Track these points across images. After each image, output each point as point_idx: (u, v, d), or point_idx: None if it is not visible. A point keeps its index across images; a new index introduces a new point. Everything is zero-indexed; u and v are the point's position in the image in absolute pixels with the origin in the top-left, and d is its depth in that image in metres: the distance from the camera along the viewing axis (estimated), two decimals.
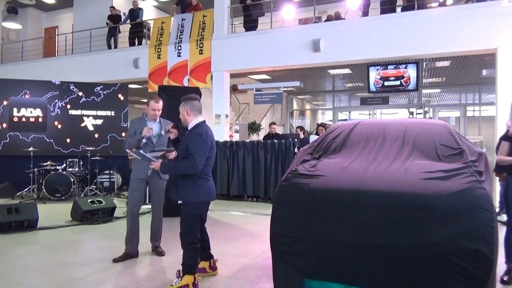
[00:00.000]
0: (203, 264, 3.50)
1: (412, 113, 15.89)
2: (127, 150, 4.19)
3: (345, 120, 16.68)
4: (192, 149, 3.03)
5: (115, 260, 3.87)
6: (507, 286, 3.31)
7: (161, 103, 4.11)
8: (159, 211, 4.19)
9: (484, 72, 9.57)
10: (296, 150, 7.59)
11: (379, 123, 3.94)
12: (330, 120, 16.08)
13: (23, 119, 8.98)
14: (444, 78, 11.84)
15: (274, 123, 9.47)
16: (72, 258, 4.08)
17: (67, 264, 3.83)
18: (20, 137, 8.89)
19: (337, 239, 2.64)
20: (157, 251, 4.15)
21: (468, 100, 15.09)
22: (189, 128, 3.22)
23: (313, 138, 8.06)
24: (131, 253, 3.99)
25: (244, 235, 5.12)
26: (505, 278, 3.34)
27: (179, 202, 3.23)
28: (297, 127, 10.13)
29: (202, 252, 3.45)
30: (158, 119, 4.14)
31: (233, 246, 4.51)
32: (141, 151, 3.47)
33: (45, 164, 7.99)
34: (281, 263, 2.90)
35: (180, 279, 3.10)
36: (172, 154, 3.69)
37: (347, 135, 3.78)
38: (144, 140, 3.92)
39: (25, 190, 8.18)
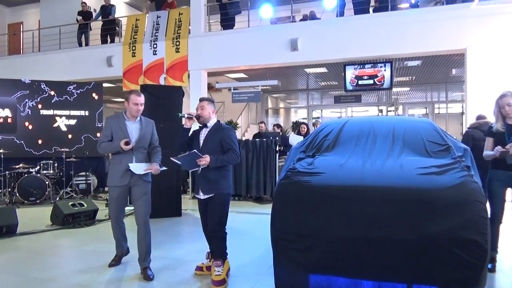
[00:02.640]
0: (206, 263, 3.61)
1: (381, 111, 16.41)
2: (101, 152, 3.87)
3: (318, 118, 16.99)
4: (231, 142, 3.35)
5: (112, 265, 3.76)
6: (491, 274, 3.51)
7: (143, 97, 3.65)
8: (145, 224, 3.56)
9: (454, 71, 10.05)
10: (277, 148, 7.66)
11: (368, 121, 4.06)
12: (305, 118, 16.32)
13: None
14: (414, 77, 12.30)
15: (262, 122, 9.61)
16: (62, 263, 3.96)
17: (60, 270, 3.71)
18: None
19: (341, 234, 2.71)
20: (145, 273, 3.49)
21: (435, 98, 15.75)
22: (208, 125, 3.45)
23: (294, 137, 8.18)
24: (123, 254, 3.90)
25: (233, 234, 5.08)
26: (489, 266, 3.53)
27: (204, 197, 3.36)
28: (274, 125, 10.21)
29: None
30: (139, 118, 3.66)
31: None
32: (186, 153, 3.31)
33: (17, 166, 7.65)
34: (284, 260, 2.94)
35: (222, 266, 3.31)
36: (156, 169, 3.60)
37: (338, 133, 3.88)
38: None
39: None
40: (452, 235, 2.52)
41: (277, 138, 7.85)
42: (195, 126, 3.48)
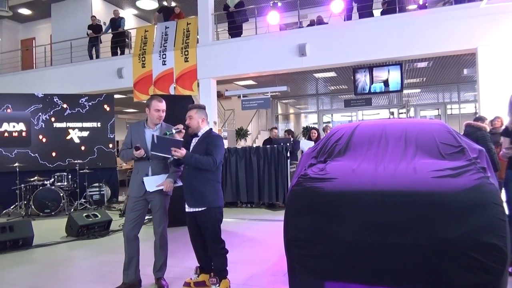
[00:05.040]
0: (203, 277, 3.47)
1: (392, 113, 16.26)
2: (123, 160, 3.80)
3: (328, 122, 16.93)
4: (213, 147, 3.20)
5: None
6: None
7: (164, 103, 3.51)
8: (161, 237, 3.55)
9: (465, 71, 9.92)
10: (288, 154, 7.63)
11: (379, 124, 4.01)
12: (315, 123, 16.27)
13: (6, 134, 8.69)
14: (424, 78, 12.18)
15: (275, 128, 9.65)
16: (77, 275, 3.98)
17: (74, 282, 3.74)
18: (3, 152, 8.59)
19: (355, 240, 2.67)
20: (159, 283, 3.52)
21: (447, 99, 15.56)
22: (199, 134, 3.34)
23: (304, 142, 8.15)
24: (130, 283, 3.45)
25: (247, 242, 5.12)
26: (510, 270, 3.44)
27: (192, 210, 3.24)
28: (285, 131, 10.18)
29: (205, 264, 3.46)
30: (159, 125, 3.51)
31: (239, 253, 4.50)
32: (156, 135, 3.20)
33: (32, 179, 7.77)
34: (299, 267, 2.90)
35: (218, 285, 3.18)
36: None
37: (349, 137, 3.83)
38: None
39: (11, 207, 7.91)
40: (470, 239, 2.46)
41: (288, 144, 7.81)
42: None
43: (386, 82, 9.18)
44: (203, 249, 3.38)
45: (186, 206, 3.30)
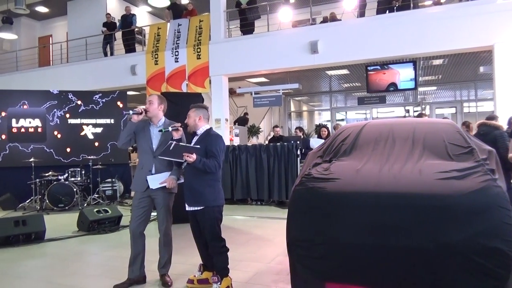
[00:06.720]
0: (206, 275, 3.49)
1: (408, 111, 16.00)
2: (120, 146, 3.67)
3: (342, 120, 16.79)
4: (214, 149, 3.20)
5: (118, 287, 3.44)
6: None
7: (154, 97, 3.58)
8: (165, 234, 3.58)
9: (482, 69, 9.68)
10: (298, 152, 7.61)
11: (387, 124, 3.95)
12: (328, 120, 16.15)
13: (22, 130, 8.91)
14: (440, 76, 11.95)
15: (277, 126, 9.60)
16: (85, 269, 4.06)
17: (81, 276, 3.81)
18: (20, 148, 8.82)
19: (356, 242, 2.65)
20: (163, 280, 3.56)
21: (464, 96, 15.23)
22: (198, 133, 3.35)
23: (315, 140, 8.10)
24: (135, 279, 3.51)
25: (253, 240, 5.13)
26: None
27: (192, 208, 3.27)
28: (296, 128, 10.13)
29: (207, 262, 3.47)
30: (162, 121, 3.55)
31: (244, 251, 4.51)
32: (174, 143, 3.22)
33: (46, 174, 7.94)
34: (300, 268, 2.90)
35: (219, 283, 3.20)
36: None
37: (356, 137, 3.78)
38: (131, 112, 3.38)
39: (27, 201, 8.11)
40: (474, 243, 2.41)
41: (298, 142, 7.78)
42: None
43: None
44: (204, 247, 3.40)
45: (186, 205, 3.33)
